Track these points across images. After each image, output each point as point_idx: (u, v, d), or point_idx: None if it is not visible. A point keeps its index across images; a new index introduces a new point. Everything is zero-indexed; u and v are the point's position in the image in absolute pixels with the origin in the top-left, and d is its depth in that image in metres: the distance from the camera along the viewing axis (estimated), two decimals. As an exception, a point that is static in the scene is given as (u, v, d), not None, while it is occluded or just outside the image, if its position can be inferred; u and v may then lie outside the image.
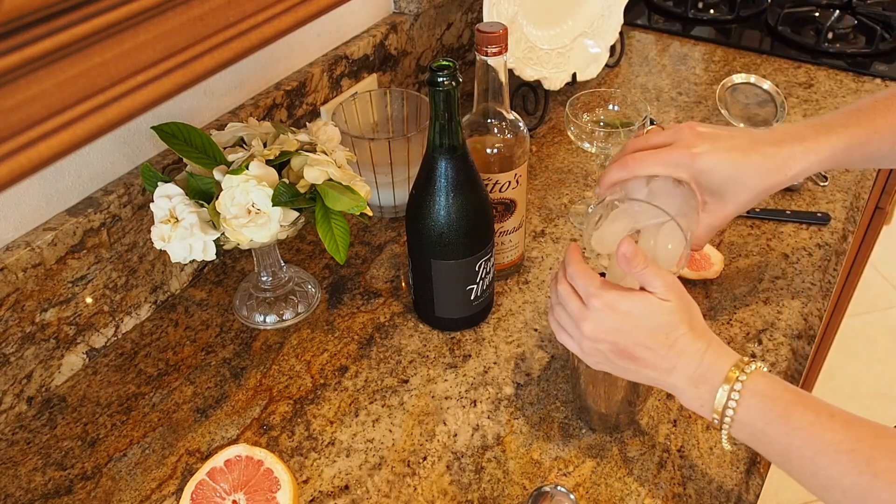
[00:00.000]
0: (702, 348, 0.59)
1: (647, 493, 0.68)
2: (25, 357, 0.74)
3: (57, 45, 0.33)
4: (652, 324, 0.60)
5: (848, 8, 1.38)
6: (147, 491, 0.69)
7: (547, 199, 1.02)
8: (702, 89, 1.22)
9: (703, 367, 0.59)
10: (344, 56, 0.99)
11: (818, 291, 0.87)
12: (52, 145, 0.34)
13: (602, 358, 0.62)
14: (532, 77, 1.05)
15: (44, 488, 0.70)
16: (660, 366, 0.60)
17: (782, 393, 0.57)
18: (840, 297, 1.58)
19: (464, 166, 0.74)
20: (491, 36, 0.73)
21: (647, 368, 0.61)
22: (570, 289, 0.63)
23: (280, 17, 0.44)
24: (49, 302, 0.75)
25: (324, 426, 0.74)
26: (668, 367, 0.60)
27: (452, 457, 0.71)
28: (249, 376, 0.79)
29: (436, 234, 0.75)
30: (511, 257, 0.88)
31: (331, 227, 0.73)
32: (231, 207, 0.70)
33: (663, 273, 0.60)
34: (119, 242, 0.79)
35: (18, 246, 0.71)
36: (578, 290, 0.63)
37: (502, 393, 0.77)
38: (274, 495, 0.65)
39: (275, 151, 0.73)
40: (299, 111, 0.96)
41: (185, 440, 0.74)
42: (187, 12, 0.38)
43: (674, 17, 1.42)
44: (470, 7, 1.20)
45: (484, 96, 0.78)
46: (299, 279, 0.88)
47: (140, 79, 0.37)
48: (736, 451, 0.71)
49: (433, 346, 0.82)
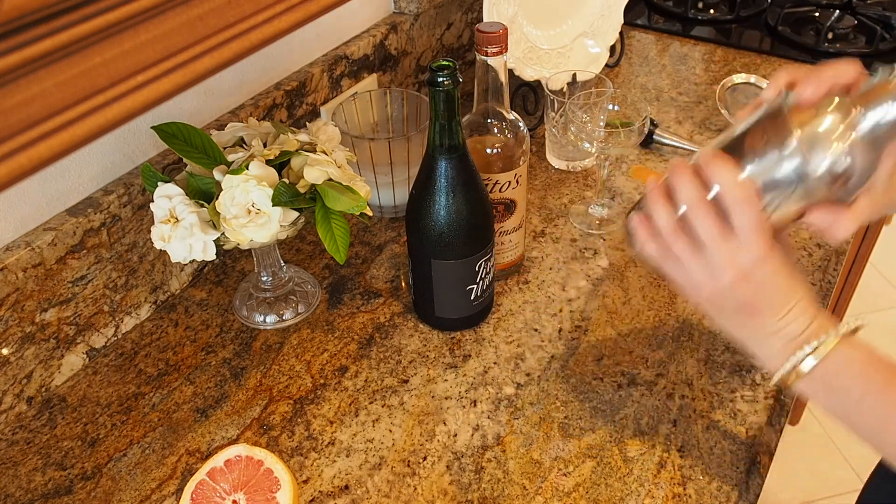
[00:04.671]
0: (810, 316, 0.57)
1: (647, 493, 0.68)
2: (25, 357, 0.74)
3: (57, 45, 0.33)
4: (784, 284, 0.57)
5: (848, 8, 1.38)
6: (147, 491, 0.69)
7: (547, 199, 1.02)
8: (702, 89, 1.22)
9: (807, 335, 0.57)
10: (344, 56, 0.99)
11: (818, 291, 0.87)
12: (52, 145, 0.34)
13: (718, 304, 0.58)
14: (532, 77, 1.05)
15: (44, 488, 0.70)
16: (771, 327, 0.57)
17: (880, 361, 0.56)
18: (840, 297, 1.58)
19: (464, 166, 0.74)
20: (491, 36, 0.73)
21: (757, 326, 0.58)
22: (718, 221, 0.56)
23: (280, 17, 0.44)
24: (49, 302, 0.75)
25: (324, 426, 0.74)
26: (776, 329, 0.57)
27: (452, 457, 0.71)
28: (249, 376, 0.79)
29: (436, 234, 0.75)
30: (511, 257, 0.88)
31: (331, 227, 0.73)
32: (231, 207, 0.70)
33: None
34: (119, 242, 0.79)
35: (18, 246, 0.71)
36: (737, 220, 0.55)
37: (502, 393, 0.77)
38: (274, 495, 0.65)
39: (275, 151, 0.73)
40: (299, 111, 0.96)
41: (185, 440, 0.74)
42: (187, 12, 0.38)
43: (674, 17, 1.42)
44: (470, 7, 1.20)
45: (484, 96, 0.78)
46: (299, 279, 0.88)
47: (140, 79, 0.37)
48: (736, 450, 0.71)
49: (433, 346, 0.82)
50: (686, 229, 0.58)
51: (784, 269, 0.57)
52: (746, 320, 0.58)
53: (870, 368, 0.57)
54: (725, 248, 0.56)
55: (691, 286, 0.59)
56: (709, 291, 0.58)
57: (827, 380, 0.57)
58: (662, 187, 0.59)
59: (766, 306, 0.57)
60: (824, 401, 0.58)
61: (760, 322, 0.58)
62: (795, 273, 0.59)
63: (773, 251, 0.56)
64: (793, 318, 0.57)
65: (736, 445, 0.71)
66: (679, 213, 0.58)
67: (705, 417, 0.74)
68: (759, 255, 0.56)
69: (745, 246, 0.56)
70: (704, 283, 0.58)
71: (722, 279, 0.57)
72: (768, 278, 0.56)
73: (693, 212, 0.57)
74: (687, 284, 0.59)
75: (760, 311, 0.57)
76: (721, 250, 0.56)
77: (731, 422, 0.73)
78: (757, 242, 0.55)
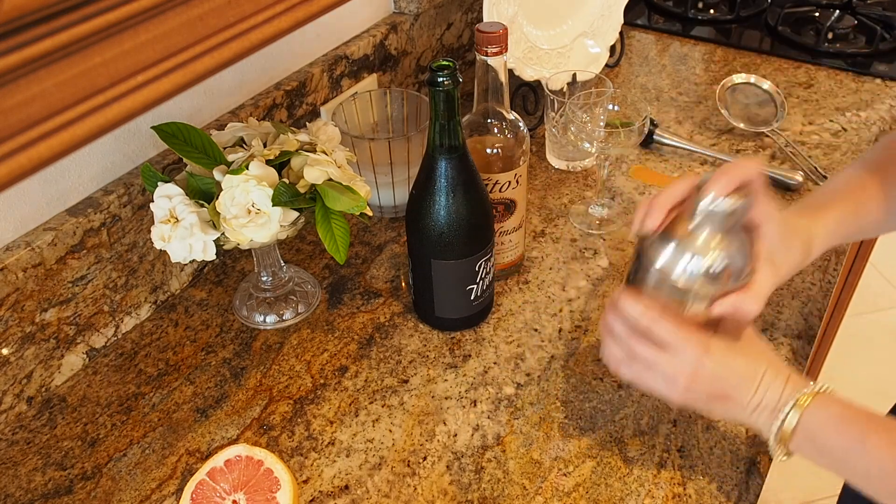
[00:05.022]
0: (782, 381, 0.61)
1: (647, 493, 0.68)
2: (25, 357, 0.74)
3: (57, 45, 0.33)
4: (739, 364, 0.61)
5: (848, 8, 1.38)
6: (147, 491, 0.69)
7: (547, 199, 1.02)
8: (702, 89, 1.22)
9: (785, 397, 0.60)
10: (344, 56, 0.99)
11: (818, 291, 0.87)
12: (52, 145, 0.34)
13: (693, 404, 0.63)
14: (532, 77, 1.05)
15: (44, 488, 0.70)
16: (750, 403, 0.61)
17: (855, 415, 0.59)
18: (840, 297, 1.58)
19: (464, 166, 0.74)
20: (491, 36, 0.73)
21: (736, 407, 0.62)
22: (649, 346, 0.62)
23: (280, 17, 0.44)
24: (49, 302, 0.75)
25: (324, 426, 0.74)
26: (755, 404, 0.61)
27: (452, 457, 0.71)
28: (249, 376, 0.79)
29: (436, 234, 0.75)
30: (511, 257, 0.88)
31: (331, 227, 0.73)
32: (231, 207, 0.70)
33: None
34: (119, 242, 0.79)
35: (18, 246, 0.71)
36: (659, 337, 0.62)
37: (502, 393, 0.77)
38: (274, 495, 0.65)
39: (275, 151, 0.73)
40: (299, 111, 0.96)
41: (185, 440, 0.74)
42: (187, 12, 0.38)
43: (674, 17, 1.42)
44: (470, 7, 1.20)
45: (484, 96, 0.78)
46: (299, 279, 0.88)
47: (140, 79, 0.37)
48: (736, 450, 0.71)
49: (433, 346, 0.82)
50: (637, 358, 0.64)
51: (731, 352, 0.61)
52: (724, 406, 0.62)
53: (845, 424, 0.59)
54: (665, 360, 0.62)
55: (664, 395, 0.63)
56: (677, 396, 0.62)
57: (810, 439, 0.59)
58: (607, 325, 0.65)
59: (732, 389, 0.61)
60: (817, 460, 0.61)
61: (736, 403, 0.61)
62: (751, 345, 0.63)
63: (709, 343, 0.61)
64: (766, 387, 0.61)
65: (736, 445, 0.71)
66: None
67: (705, 417, 0.74)
68: (694, 354, 0.60)
69: (680, 352, 0.61)
70: (669, 390, 0.63)
71: (679, 384, 0.61)
72: (718, 368, 0.61)
73: (628, 342, 0.63)
74: (660, 394, 0.64)
75: (730, 395, 0.61)
76: (664, 363, 0.62)
77: (731, 422, 0.73)
78: (685, 346, 0.61)
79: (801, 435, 0.59)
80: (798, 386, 0.60)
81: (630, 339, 0.63)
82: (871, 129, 1.11)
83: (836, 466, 0.60)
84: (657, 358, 0.62)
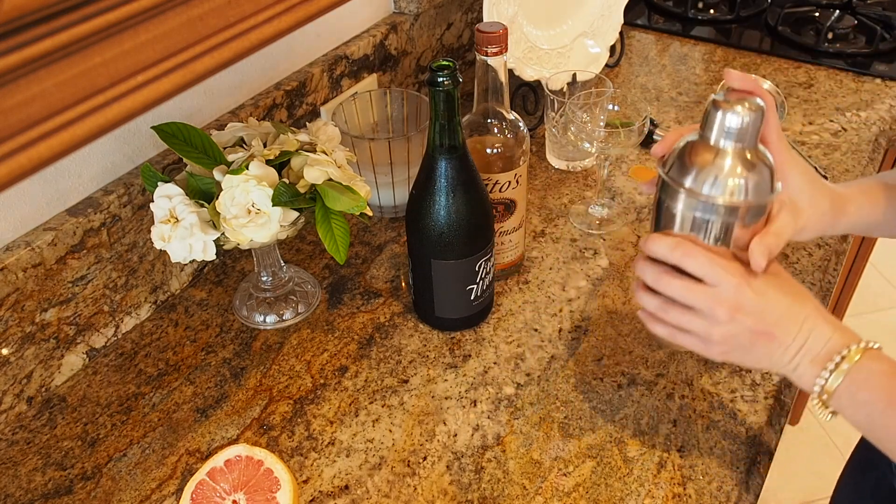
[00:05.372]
0: (830, 327, 0.58)
1: (647, 493, 0.68)
2: (25, 357, 0.74)
3: (57, 45, 0.33)
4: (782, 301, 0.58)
5: (848, 8, 1.38)
6: (147, 491, 0.69)
7: (547, 199, 1.02)
8: (702, 89, 1.22)
9: (832, 346, 0.57)
10: (344, 56, 0.99)
11: (818, 291, 0.87)
12: (52, 145, 0.34)
13: (734, 344, 0.59)
14: (532, 77, 1.05)
15: (44, 488, 0.70)
16: (793, 344, 0.58)
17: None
18: (840, 297, 1.57)
19: (464, 166, 0.74)
20: (491, 36, 0.73)
21: (779, 348, 0.58)
22: (684, 281, 0.59)
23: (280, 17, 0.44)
24: (49, 302, 0.75)
25: (324, 426, 0.74)
26: (799, 345, 0.58)
27: (452, 457, 0.71)
28: (249, 376, 0.79)
29: (436, 234, 0.75)
30: (511, 257, 0.88)
31: (331, 227, 0.73)
32: (231, 207, 0.70)
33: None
34: (119, 242, 0.79)
35: (18, 246, 0.71)
36: (694, 269, 0.58)
37: (502, 393, 0.77)
38: (274, 495, 0.65)
39: (275, 151, 0.73)
40: (299, 111, 0.96)
41: (185, 440, 0.74)
42: (187, 12, 0.38)
43: (674, 17, 1.42)
44: (470, 7, 1.20)
45: (484, 96, 0.78)
46: (299, 279, 0.88)
47: (140, 79, 0.37)
48: (736, 450, 0.71)
49: (433, 346, 0.82)
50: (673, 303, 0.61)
51: (773, 286, 0.59)
52: (766, 347, 0.59)
53: (889, 379, 0.56)
54: (703, 294, 0.59)
55: (704, 342, 0.61)
56: (718, 337, 0.59)
57: (852, 392, 0.57)
58: (639, 280, 0.63)
59: (775, 326, 0.58)
60: (851, 414, 0.58)
61: (778, 343, 0.59)
62: (791, 283, 0.60)
63: (749, 276, 0.58)
64: (810, 328, 0.58)
65: (736, 445, 0.71)
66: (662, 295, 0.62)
67: (705, 417, 0.74)
68: (734, 283, 0.57)
69: (718, 282, 0.58)
70: (709, 331, 0.59)
71: (719, 318, 0.58)
72: (760, 300, 0.58)
73: (661, 286, 0.60)
74: (700, 343, 0.61)
75: (772, 333, 0.58)
76: (701, 298, 0.59)
77: (731, 422, 0.73)
78: (723, 275, 0.58)
79: (843, 391, 0.57)
80: (847, 337, 0.58)
81: (662, 280, 0.60)
82: (871, 129, 1.11)
83: (872, 424, 0.57)
84: (694, 294, 0.58)
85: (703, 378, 0.78)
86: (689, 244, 0.59)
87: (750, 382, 0.77)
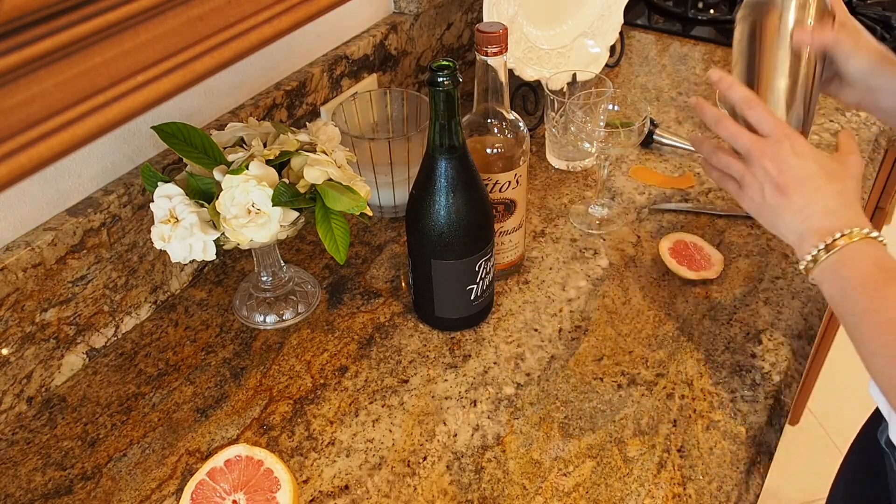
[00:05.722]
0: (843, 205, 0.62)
1: (647, 493, 0.68)
2: (25, 357, 0.74)
3: (57, 45, 0.33)
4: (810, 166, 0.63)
5: (848, 8, 1.37)
6: (147, 491, 0.69)
7: (547, 199, 1.02)
8: (702, 89, 1.22)
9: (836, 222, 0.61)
10: (344, 56, 0.99)
11: (818, 291, 0.87)
12: (52, 145, 0.34)
13: (760, 195, 0.65)
14: (532, 77, 1.05)
15: (44, 488, 0.70)
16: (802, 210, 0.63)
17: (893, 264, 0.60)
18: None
19: (464, 166, 0.74)
20: (491, 36, 0.73)
21: (790, 209, 0.63)
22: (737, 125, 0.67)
23: (280, 17, 0.44)
24: (49, 302, 0.75)
25: (324, 426, 0.74)
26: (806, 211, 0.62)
27: (452, 457, 0.71)
28: (249, 376, 0.79)
29: (436, 234, 0.75)
30: (511, 257, 0.88)
31: (331, 227, 0.73)
32: (231, 207, 0.70)
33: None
34: (119, 242, 0.79)
35: (18, 246, 0.71)
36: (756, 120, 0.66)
37: (502, 393, 0.77)
38: (274, 495, 0.65)
39: (275, 151, 0.73)
40: (299, 111, 0.96)
41: (185, 440, 0.74)
42: (187, 12, 0.38)
43: (674, 17, 1.42)
44: (470, 7, 1.20)
45: (484, 96, 0.78)
46: (299, 279, 0.88)
47: (140, 79, 0.37)
48: (736, 450, 0.71)
49: (433, 346, 0.82)
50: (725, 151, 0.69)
51: (813, 155, 0.64)
52: (779, 203, 0.64)
53: (876, 266, 0.59)
54: (748, 138, 0.66)
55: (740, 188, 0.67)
56: (749, 180, 0.66)
57: (836, 268, 0.60)
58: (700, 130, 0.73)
59: (791, 183, 0.63)
60: (829, 289, 0.61)
61: (789, 203, 0.63)
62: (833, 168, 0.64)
63: (795, 137, 0.64)
64: (824, 199, 0.62)
65: (736, 445, 0.71)
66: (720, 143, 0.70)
67: (705, 417, 0.74)
68: (778, 136, 0.64)
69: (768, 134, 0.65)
70: (744, 174, 0.66)
71: (752, 161, 0.65)
72: (792, 159, 0.63)
73: (719, 128, 0.68)
74: (737, 189, 0.68)
75: (787, 191, 0.63)
76: (745, 140, 0.66)
77: (731, 422, 0.73)
78: (774, 128, 0.65)
79: (829, 265, 0.60)
80: (855, 219, 0.61)
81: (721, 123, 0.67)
82: (871, 129, 1.11)
83: (843, 300, 0.60)
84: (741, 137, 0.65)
85: (703, 378, 0.78)
86: (759, 100, 0.66)
87: (750, 382, 0.77)
